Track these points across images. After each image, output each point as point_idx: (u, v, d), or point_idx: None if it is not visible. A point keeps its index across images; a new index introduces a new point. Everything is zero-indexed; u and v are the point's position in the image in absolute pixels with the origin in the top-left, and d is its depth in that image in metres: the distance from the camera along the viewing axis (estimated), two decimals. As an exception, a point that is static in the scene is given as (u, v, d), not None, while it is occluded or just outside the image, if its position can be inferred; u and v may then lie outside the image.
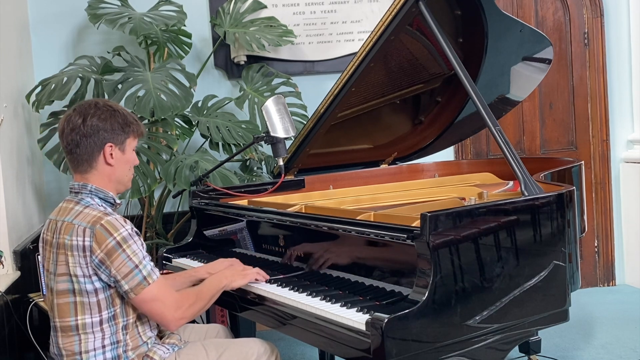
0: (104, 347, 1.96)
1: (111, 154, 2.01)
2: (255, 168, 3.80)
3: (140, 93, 3.39)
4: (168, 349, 2.06)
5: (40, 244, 2.10)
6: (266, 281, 2.25)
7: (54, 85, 3.45)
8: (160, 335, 2.17)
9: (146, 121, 3.44)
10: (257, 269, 2.26)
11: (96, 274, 1.92)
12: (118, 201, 2.07)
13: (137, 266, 1.92)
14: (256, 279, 2.23)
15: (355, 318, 1.78)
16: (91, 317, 1.94)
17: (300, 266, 2.24)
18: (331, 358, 2.81)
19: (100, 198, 2.01)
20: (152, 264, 1.97)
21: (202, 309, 2.08)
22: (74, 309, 1.94)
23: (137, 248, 1.93)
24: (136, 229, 1.98)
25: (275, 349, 2.18)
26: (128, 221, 1.97)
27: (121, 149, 2.04)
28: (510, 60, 2.88)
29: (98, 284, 1.93)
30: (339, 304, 1.91)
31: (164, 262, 2.77)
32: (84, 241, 1.90)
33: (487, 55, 2.76)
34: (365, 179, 3.13)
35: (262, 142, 2.79)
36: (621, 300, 4.39)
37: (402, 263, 1.88)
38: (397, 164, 3.30)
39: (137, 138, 2.09)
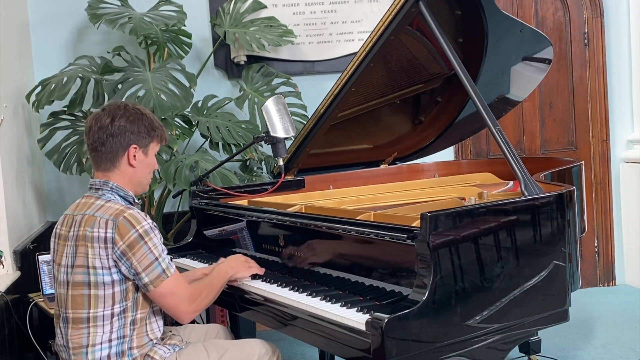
0: (110, 341, 1.98)
1: (134, 156, 2.07)
2: (255, 168, 3.80)
3: (140, 93, 3.38)
4: (169, 349, 2.07)
5: (53, 239, 2.12)
6: (266, 281, 2.26)
7: (54, 85, 3.45)
8: (162, 337, 2.17)
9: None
10: (253, 264, 2.32)
11: (116, 266, 1.96)
12: (137, 201, 2.13)
13: (157, 259, 1.97)
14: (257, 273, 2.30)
15: (355, 318, 1.78)
16: (103, 310, 1.97)
17: (300, 266, 2.24)
18: (331, 358, 2.81)
19: (120, 196, 2.07)
20: (169, 257, 2.03)
21: (212, 301, 2.15)
22: (87, 301, 1.96)
23: (157, 241, 1.99)
24: (155, 223, 2.02)
25: (277, 350, 2.18)
26: (148, 216, 2.02)
27: (144, 152, 2.10)
28: (510, 60, 2.88)
29: (116, 276, 1.96)
30: (339, 304, 1.91)
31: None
32: (106, 233, 1.94)
33: (487, 55, 2.76)
34: (365, 179, 3.13)
35: (262, 142, 2.79)
36: (621, 300, 4.39)
37: (402, 263, 1.88)
38: (397, 164, 3.30)
39: (160, 143, 2.16)
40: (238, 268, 2.25)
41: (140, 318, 2.03)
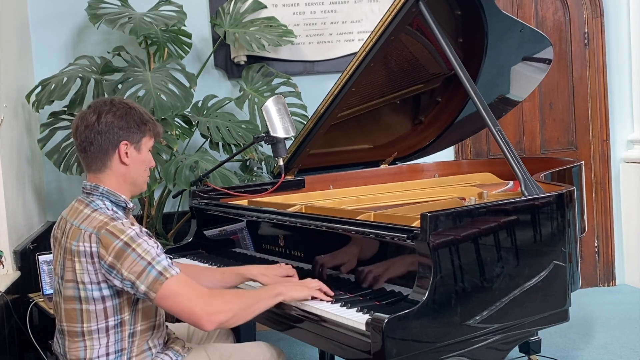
0: (107, 354, 1.90)
1: (126, 153, 1.93)
2: (255, 168, 3.80)
3: (140, 93, 3.39)
4: (171, 357, 1.99)
5: (52, 240, 2.03)
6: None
7: (54, 85, 3.45)
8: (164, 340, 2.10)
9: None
10: (318, 284, 2.02)
11: (106, 281, 1.84)
12: (130, 205, 1.98)
13: (149, 263, 1.80)
14: (316, 296, 1.98)
15: (355, 318, 1.78)
16: (97, 324, 1.88)
17: (300, 266, 2.24)
18: (331, 358, 2.81)
19: (111, 201, 1.93)
20: (169, 261, 1.85)
21: (242, 310, 1.88)
22: (80, 315, 1.88)
23: (149, 246, 1.82)
24: (147, 230, 1.89)
25: (282, 353, 2.14)
26: (137, 224, 1.91)
27: (137, 148, 1.96)
28: (510, 60, 2.88)
29: (106, 292, 1.85)
30: (339, 304, 1.91)
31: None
32: (90, 247, 1.83)
33: (487, 55, 2.76)
34: (365, 179, 3.12)
35: (262, 142, 2.79)
36: (621, 300, 4.39)
37: (402, 263, 1.88)
38: (397, 164, 3.30)
39: (154, 138, 2.02)
40: (291, 287, 1.99)
41: (141, 330, 1.93)
